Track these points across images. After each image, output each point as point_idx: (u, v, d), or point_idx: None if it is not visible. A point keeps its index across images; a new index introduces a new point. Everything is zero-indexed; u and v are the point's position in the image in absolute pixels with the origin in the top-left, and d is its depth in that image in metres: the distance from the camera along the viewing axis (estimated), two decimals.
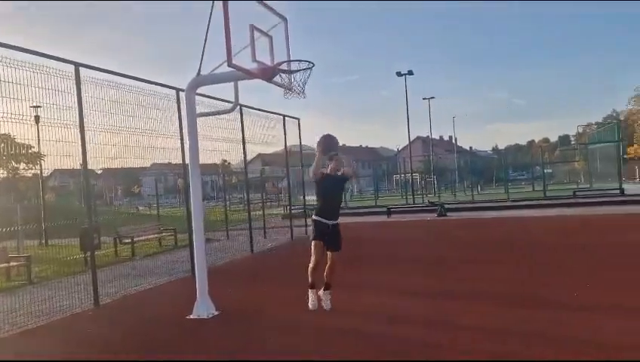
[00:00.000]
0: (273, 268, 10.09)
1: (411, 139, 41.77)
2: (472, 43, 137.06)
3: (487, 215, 19.64)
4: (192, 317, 6.26)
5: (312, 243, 5.91)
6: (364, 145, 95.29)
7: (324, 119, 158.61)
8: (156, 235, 14.45)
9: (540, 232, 13.36)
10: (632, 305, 5.61)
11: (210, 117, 9.70)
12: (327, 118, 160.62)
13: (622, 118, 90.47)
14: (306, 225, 15.40)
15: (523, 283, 7.11)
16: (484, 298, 6.37)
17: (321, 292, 6.05)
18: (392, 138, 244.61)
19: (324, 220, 5.90)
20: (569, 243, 10.81)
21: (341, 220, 6.09)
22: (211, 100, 9.62)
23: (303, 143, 15.89)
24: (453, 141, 70.81)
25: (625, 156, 65.01)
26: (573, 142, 61.82)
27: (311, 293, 6.04)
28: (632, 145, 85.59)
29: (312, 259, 5.89)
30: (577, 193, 26.37)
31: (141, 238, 13.40)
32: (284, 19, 6.85)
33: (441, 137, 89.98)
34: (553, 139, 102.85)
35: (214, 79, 6.41)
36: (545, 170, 34.24)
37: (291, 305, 6.53)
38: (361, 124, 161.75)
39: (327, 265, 5.95)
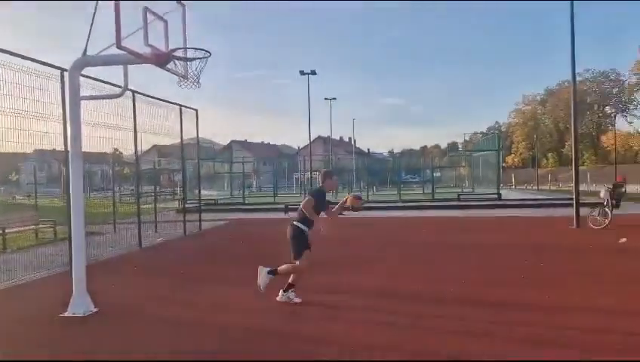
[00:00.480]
0: (160, 264, 9.70)
1: (312, 138, 42.47)
2: (376, 50, 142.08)
3: (380, 214, 20.48)
4: (66, 314, 5.82)
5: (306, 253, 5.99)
6: (265, 142, 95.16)
7: (226, 112, 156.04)
8: (32, 226, 13.26)
9: (421, 231, 14.16)
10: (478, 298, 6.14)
11: (103, 103, 9.12)
12: (229, 111, 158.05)
13: (503, 130, 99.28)
14: (200, 221, 15.04)
15: (395, 278, 7.48)
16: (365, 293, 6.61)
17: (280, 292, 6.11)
18: (294, 136, 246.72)
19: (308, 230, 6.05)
20: (445, 242, 11.57)
21: (236, 216, 5.98)
22: (100, 84, 8.99)
23: (202, 136, 15.44)
24: (353, 142, 72.93)
25: (503, 164, 71.28)
26: (460, 149, 66.49)
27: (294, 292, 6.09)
28: (510, 155, 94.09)
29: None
30: (461, 196, 28.37)
31: (14, 230, 12.22)
32: (182, 5, 6.60)
33: (341, 138, 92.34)
34: (444, 145, 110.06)
35: (102, 61, 6.00)
36: (434, 174, 36.39)
37: (174, 302, 6.33)
38: (263, 120, 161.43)
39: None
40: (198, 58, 6.01)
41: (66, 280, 6.56)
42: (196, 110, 14.51)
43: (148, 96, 11.83)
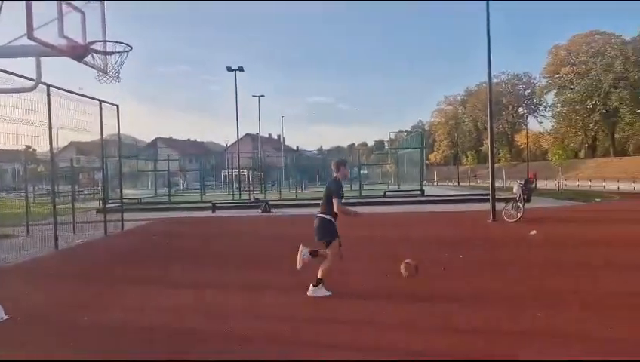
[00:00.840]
0: (78, 266, 9.22)
1: (241, 136, 41.94)
2: (303, 48, 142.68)
3: (308, 211, 20.63)
4: None
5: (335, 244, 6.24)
6: (192, 139, 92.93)
7: (148, 108, 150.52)
8: None
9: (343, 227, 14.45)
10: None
11: (14, 97, 8.54)
12: (154, 107, 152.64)
13: (426, 128, 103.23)
14: (122, 220, 14.48)
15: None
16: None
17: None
18: (221, 133, 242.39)
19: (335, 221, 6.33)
20: (366, 236, 11.89)
21: (161, 215, 5.82)
22: (14, 77, 8.41)
23: (125, 133, 14.83)
24: (281, 140, 72.90)
25: (427, 162, 74.08)
26: (386, 147, 68.37)
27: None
28: (433, 153, 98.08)
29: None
30: (387, 193, 29.21)
31: None
32: None
33: (270, 135, 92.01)
34: (371, 143, 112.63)
35: (11, 52, 5.62)
36: (361, 172, 37.17)
37: (92, 305, 6.08)
38: (190, 116, 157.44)
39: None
40: (118, 52, 5.79)
41: None
42: (117, 106, 13.93)
43: (65, 90, 11.20)
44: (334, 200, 6.14)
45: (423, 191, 27.98)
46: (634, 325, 4.80)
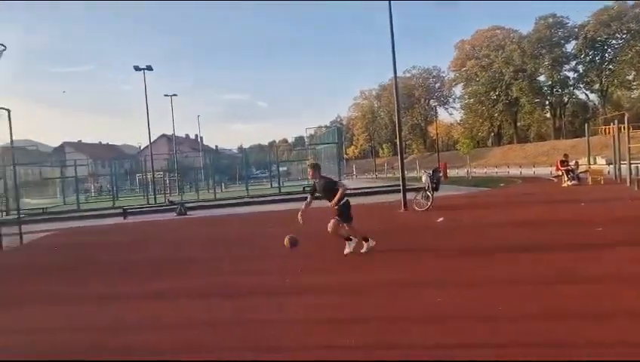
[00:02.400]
0: None
1: (155, 137, 40.46)
2: (217, 44, 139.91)
3: (227, 211, 20.36)
4: None
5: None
6: (103, 142, 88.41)
7: (53, 112, 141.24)
8: None
9: (260, 225, 14.39)
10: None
11: None
12: (57, 110, 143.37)
13: (344, 123, 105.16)
14: (21, 233, 13.47)
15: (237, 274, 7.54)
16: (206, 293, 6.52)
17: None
18: (135, 135, 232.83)
19: None
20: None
21: (68, 225, 5.38)
22: None
23: (25, 138, 13.80)
24: (199, 139, 71.20)
25: (345, 156, 75.42)
26: (306, 143, 68.86)
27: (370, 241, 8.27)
28: (351, 147, 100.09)
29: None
30: (306, 188, 29.39)
31: None
32: None
33: (187, 135, 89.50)
34: (291, 139, 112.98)
35: None
36: (281, 168, 37.16)
37: None
38: (100, 118, 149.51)
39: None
40: None
41: None
42: (9, 110, 12.87)
43: None
44: (341, 187, 8.31)
45: None
46: (525, 302, 5.11)
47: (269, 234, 12.11)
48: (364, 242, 8.14)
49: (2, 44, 5.27)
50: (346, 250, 8.10)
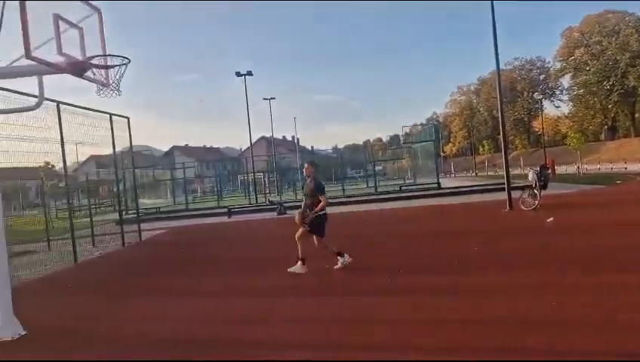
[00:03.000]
0: (96, 279, 9.33)
1: (255, 139, 42.18)
2: (311, 47, 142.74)
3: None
4: None
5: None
6: (207, 145, 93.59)
7: (163, 118, 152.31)
8: None
9: (361, 224, 14.42)
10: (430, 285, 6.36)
11: (30, 116, 8.68)
12: (167, 117, 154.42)
13: (441, 120, 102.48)
14: (140, 231, 14.65)
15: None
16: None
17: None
18: (236, 138, 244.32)
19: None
20: (384, 232, 11.83)
21: (179, 223, 5.86)
22: (21, 96, 8.58)
23: (142, 144, 15.06)
24: (295, 141, 72.99)
25: (443, 154, 73.50)
26: (402, 142, 67.99)
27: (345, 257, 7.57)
28: (449, 144, 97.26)
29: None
30: (403, 187, 29.06)
31: None
32: (97, 10, 6.39)
33: (284, 137, 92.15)
34: (386, 138, 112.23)
35: (11, 72, 5.72)
36: (376, 168, 37.03)
37: (107, 317, 6.14)
38: (204, 123, 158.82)
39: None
40: (117, 65, 5.84)
41: None
42: (128, 118, 14.10)
43: (76, 106, 11.39)
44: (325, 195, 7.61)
45: (439, 184, 27.77)
46: None
47: (369, 233, 12.14)
48: (338, 257, 7.53)
49: (127, 57, 5.76)
50: (338, 265, 7.53)
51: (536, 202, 13.70)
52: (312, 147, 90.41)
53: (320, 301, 6.17)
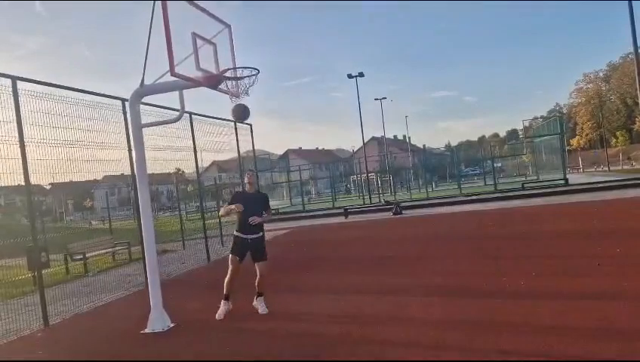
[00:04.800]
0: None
1: (366, 140, 42.35)
2: (422, 44, 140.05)
3: (440, 211, 20.16)
4: (146, 331, 6.15)
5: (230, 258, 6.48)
6: (320, 148, 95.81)
7: (278, 122, 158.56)
8: (109, 250, 14.05)
9: (485, 224, 13.79)
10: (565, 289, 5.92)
11: (163, 127, 9.57)
12: (281, 121, 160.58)
13: (564, 112, 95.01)
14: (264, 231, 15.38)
15: (476, 275, 7.36)
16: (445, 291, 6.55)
17: (255, 300, 6.54)
18: (347, 139, 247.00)
19: (242, 235, 6.38)
20: (510, 234, 11.21)
21: (298, 223, 6.14)
22: (160, 109, 9.52)
23: (257, 148, 15.88)
24: (407, 140, 72.07)
25: (568, 147, 68.07)
26: (520, 136, 64.13)
27: (223, 304, 6.45)
28: (575, 137, 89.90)
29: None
30: (525, 185, 27.39)
31: (93, 254, 13.00)
32: (228, 25, 6.84)
33: (395, 137, 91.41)
34: (503, 134, 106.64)
35: (158, 89, 6.34)
36: (495, 165, 35.33)
37: (245, 312, 6.52)
38: (316, 126, 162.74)
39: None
40: (247, 76, 6.21)
41: (143, 298, 6.95)
42: (250, 125, 14.92)
43: (204, 116, 12.32)
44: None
45: (566, 180, 25.76)
46: None
47: (487, 235, 11.64)
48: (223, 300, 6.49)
49: (256, 68, 6.10)
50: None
51: None
52: (424, 145, 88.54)
53: (448, 301, 6.04)
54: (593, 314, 4.93)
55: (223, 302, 6.47)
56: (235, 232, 6.48)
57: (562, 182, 25.61)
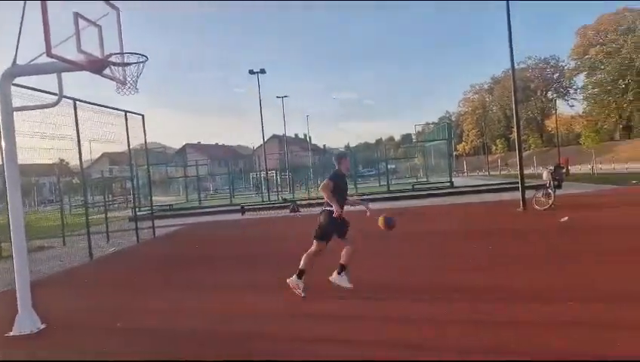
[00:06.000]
0: (111, 275, 9.45)
1: (267, 138, 42.29)
2: (324, 45, 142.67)
3: None
4: (11, 334, 5.62)
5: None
6: (220, 143, 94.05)
7: (177, 115, 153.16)
8: None
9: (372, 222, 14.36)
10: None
11: (43, 113, 8.81)
12: (181, 114, 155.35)
13: (453, 119, 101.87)
14: (154, 227, 14.77)
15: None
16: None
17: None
18: (249, 136, 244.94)
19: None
20: (398, 232, 11.79)
21: (192, 220, 5.93)
22: (41, 94, 8.71)
23: (155, 141, 15.19)
24: (308, 139, 73.06)
25: (455, 153, 73.13)
26: (414, 140, 67.71)
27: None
28: (462, 143, 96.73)
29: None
30: (415, 186, 28.96)
31: None
32: (117, 8, 6.45)
33: (296, 135, 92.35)
34: (398, 137, 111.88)
35: (33, 70, 5.80)
36: (389, 166, 36.96)
37: (123, 312, 6.22)
38: (218, 121, 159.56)
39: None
40: (135, 63, 5.90)
41: (13, 299, 6.34)
42: (142, 115, 14.21)
43: (91, 103, 11.52)
44: (323, 182, 6.19)
45: (452, 182, 27.64)
46: None
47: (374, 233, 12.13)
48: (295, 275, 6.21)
49: (144, 55, 5.82)
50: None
51: (550, 202, 13.61)
52: (324, 145, 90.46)
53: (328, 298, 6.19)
54: (464, 306, 5.31)
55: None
56: (328, 208, 6.07)
57: (448, 184, 27.42)
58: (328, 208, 6.04)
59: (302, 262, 6.12)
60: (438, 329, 4.63)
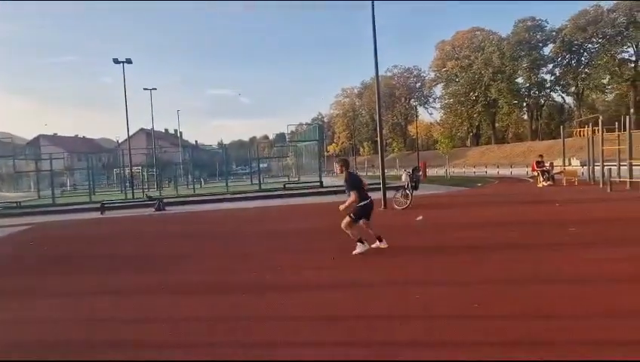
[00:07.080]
0: None
1: (134, 131, 39.89)
2: (199, 39, 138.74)
3: (206, 208, 20.24)
4: None
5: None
6: (80, 135, 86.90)
7: (31, 104, 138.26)
8: None
9: (240, 222, 14.36)
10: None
11: None
12: (35, 102, 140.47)
13: (326, 120, 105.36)
14: None
15: (220, 272, 7.51)
16: (196, 289, 6.49)
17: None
18: (114, 129, 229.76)
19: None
20: (262, 231, 11.91)
21: (44, 219, 5.29)
22: None
23: (3, 131, 13.49)
24: (179, 134, 70.52)
25: (326, 153, 75.51)
26: (287, 140, 68.66)
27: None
28: (332, 144, 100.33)
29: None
30: (287, 186, 29.39)
31: None
32: None
33: (166, 130, 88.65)
34: (272, 136, 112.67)
35: None
36: (262, 165, 37.06)
37: None
38: (79, 111, 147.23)
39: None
40: None
41: None
42: None
43: None
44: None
45: (321, 182, 28.49)
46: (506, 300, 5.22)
47: (245, 232, 12.11)
48: (357, 243, 8.24)
49: None
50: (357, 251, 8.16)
51: (408, 202, 14.66)
52: (196, 141, 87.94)
53: (196, 298, 6.03)
54: (314, 300, 5.50)
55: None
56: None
57: (318, 183, 28.24)
58: (362, 203, 8.17)
59: (352, 236, 8.25)
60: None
